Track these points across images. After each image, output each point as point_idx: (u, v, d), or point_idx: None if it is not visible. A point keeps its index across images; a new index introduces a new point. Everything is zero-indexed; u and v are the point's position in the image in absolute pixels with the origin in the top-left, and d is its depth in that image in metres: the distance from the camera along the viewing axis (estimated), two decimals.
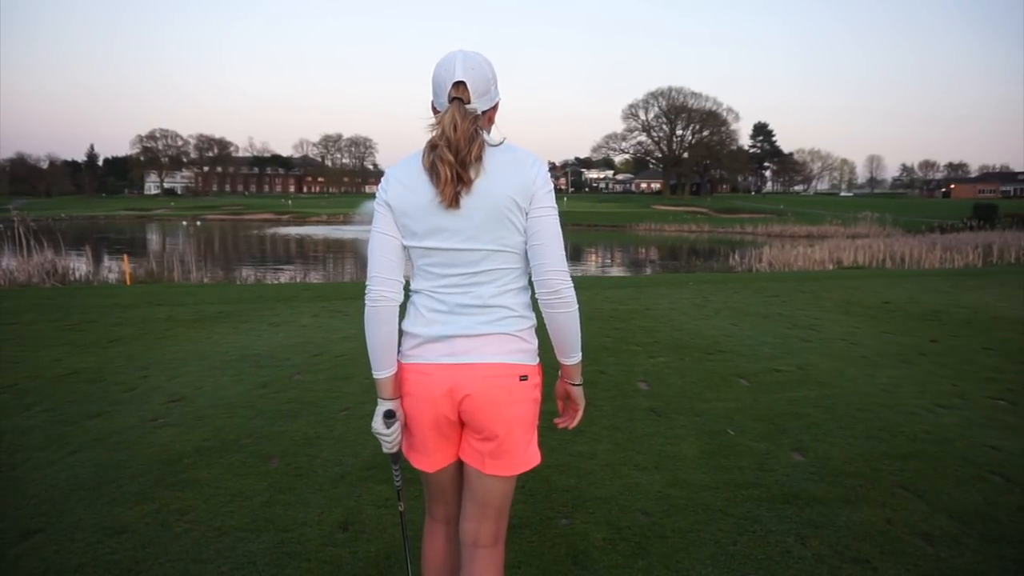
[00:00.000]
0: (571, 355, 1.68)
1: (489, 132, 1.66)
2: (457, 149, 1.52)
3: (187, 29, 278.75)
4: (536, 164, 1.61)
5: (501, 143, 1.62)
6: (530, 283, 1.71)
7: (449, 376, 1.60)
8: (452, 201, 1.54)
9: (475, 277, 1.61)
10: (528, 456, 1.68)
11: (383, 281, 1.62)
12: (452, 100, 1.56)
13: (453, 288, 1.62)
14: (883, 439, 3.72)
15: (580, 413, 1.76)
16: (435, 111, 1.63)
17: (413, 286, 1.71)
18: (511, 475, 1.68)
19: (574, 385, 1.73)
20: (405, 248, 1.64)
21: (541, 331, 1.71)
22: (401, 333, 1.69)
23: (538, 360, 1.69)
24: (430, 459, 1.72)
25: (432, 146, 1.56)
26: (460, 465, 1.74)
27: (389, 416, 1.67)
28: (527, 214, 1.59)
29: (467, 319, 1.61)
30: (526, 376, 1.63)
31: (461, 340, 1.60)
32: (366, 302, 1.63)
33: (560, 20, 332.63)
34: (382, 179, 1.68)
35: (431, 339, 1.62)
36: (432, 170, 1.55)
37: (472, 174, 1.54)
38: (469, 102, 1.57)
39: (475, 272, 1.60)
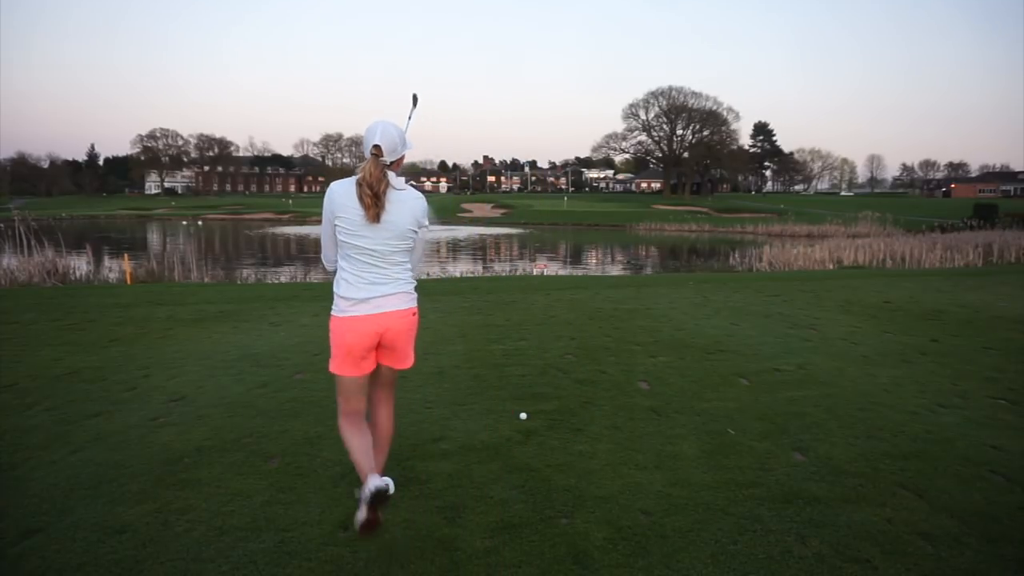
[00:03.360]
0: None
1: (397, 173, 2.68)
2: (371, 186, 2.55)
3: (188, 29, 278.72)
4: (422, 203, 2.73)
5: (404, 189, 2.67)
6: None
7: (375, 321, 2.68)
8: (375, 219, 2.59)
9: (384, 262, 2.67)
10: (412, 357, 2.87)
11: (333, 260, 2.78)
12: (372, 153, 2.58)
13: (370, 268, 2.66)
14: (884, 439, 3.72)
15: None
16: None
17: (340, 264, 2.72)
18: (404, 367, 2.87)
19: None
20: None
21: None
22: (336, 297, 2.71)
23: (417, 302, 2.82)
24: (360, 368, 2.74)
25: (359, 184, 2.57)
26: (370, 374, 2.81)
27: None
28: (417, 232, 2.74)
29: (381, 287, 2.68)
30: (415, 313, 2.80)
31: (379, 299, 2.67)
32: (330, 268, 2.80)
33: (560, 20, 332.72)
34: (329, 190, 2.65)
35: (360, 301, 2.66)
36: (360, 200, 2.57)
37: (384, 202, 2.58)
38: (381, 156, 2.59)
39: (384, 261, 2.67)
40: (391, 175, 2.61)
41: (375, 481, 2.51)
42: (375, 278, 2.64)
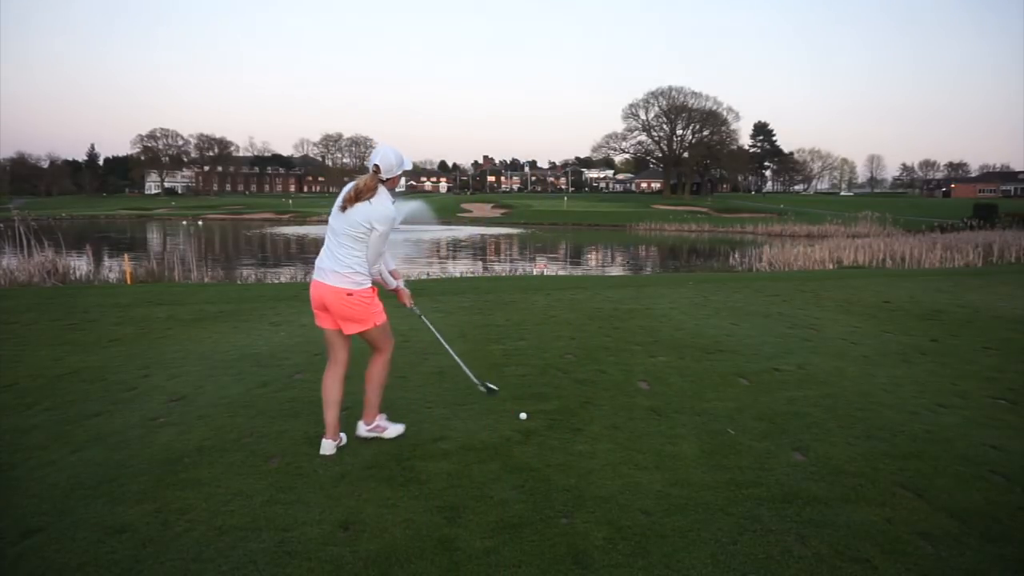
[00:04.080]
0: (389, 284, 3.70)
1: (393, 190, 3.45)
2: (359, 191, 3.33)
3: (188, 28, 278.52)
4: (382, 212, 3.33)
5: (382, 201, 3.36)
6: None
7: (317, 287, 3.42)
8: (343, 210, 3.34)
9: (337, 243, 3.37)
10: (361, 325, 3.44)
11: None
12: (372, 170, 3.36)
13: (331, 246, 3.40)
14: (883, 438, 3.73)
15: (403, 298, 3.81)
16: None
17: (326, 239, 3.44)
18: (354, 333, 3.46)
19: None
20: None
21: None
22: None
23: (364, 287, 3.41)
24: (322, 322, 3.50)
25: (354, 184, 3.36)
26: (338, 330, 3.48)
27: None
28: (369, 232, 3.34)
29: (332, 263, 3.38)
30: (351, 294, 3.37)
31: (325, 272, 3.39)
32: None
33: (561, 19, 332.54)
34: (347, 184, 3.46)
35: (320, 269, 3.42)
36: (346, 194, 3.35)
37: (357, 203, 3.32)
38: (379, 173, 3.36)
39: (337, 242, 3.37)
40: (382, 189, 3.37)
41: (327, 446, 3.50)
42: (328, 254, 3.40)
